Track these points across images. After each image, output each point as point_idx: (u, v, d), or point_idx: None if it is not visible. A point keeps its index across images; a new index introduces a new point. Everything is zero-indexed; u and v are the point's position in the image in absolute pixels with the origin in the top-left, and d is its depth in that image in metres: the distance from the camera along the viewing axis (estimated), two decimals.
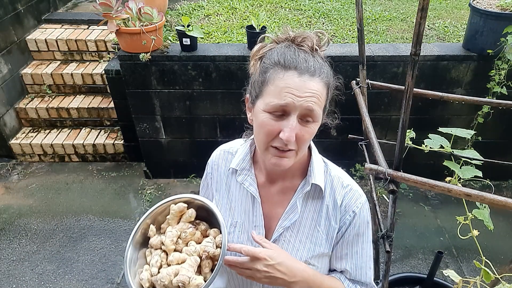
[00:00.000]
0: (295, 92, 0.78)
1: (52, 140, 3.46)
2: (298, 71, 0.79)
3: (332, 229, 0.96)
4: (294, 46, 0.83)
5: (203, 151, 3.17)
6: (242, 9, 3.49)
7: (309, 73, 0.80)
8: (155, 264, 0.87)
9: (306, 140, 0.84)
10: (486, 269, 1.20)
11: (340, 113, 0.97)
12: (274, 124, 0.81)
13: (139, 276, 0.87)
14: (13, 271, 2.57)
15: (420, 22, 0.86)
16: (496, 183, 3.18)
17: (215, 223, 0.92)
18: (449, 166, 1.20)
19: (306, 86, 0.79)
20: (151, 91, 2.85)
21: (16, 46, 3.53)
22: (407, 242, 2.77)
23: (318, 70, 0.81)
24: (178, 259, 0.86)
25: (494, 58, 2.60)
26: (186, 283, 0.81)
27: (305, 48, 0.83)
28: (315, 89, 0.80)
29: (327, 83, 0.84)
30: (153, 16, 2.61)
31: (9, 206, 3.07)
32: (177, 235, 0.90)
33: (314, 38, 0.84)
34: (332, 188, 0.96)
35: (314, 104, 0.80)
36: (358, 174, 3.17)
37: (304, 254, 0.96)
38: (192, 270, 0.84)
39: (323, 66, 0.84)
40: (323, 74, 0.82)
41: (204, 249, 0.87)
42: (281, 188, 0.98)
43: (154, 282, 0.85)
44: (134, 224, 2.90)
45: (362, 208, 0.96)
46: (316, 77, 0.80)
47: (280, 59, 0.81)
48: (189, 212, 0.93)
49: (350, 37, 3.02)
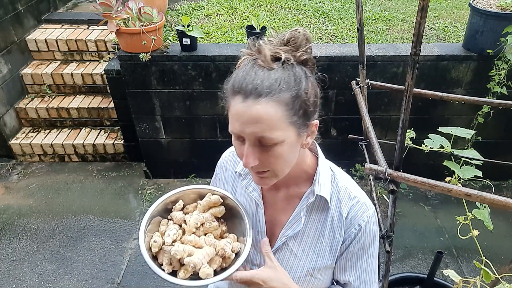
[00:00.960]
0: (241, 119, 0.74)
1: (52, 140, 3.46)
2: (243, 95, 0.73)
3: (336, 242, 0.93)
4: (253, 62, 0.77)
5: (203, 151, 3.20)
6: (242, 9, 3.49)
7: (254, 95, 0.72)
8: (172, 236, 0.87)
9: (274, 162, 0.79)
10: (486, 269, 1.21)
11: (340, 113, 0.97)
12: (239, 148, 0.80)
13: (149, 239, 0.87)
14: (13, 271, 2.57)
15: (420, 22, 0.86)
16: (496, 183, 3.18)
17: (234, 228, 0.95)
18: (449, 166, 1.20)
19: (250, 113, 0.73)
20: (151, 91, 2.85)
21: (16, 46, 3.53)
22: (407, 242, 2.77)
23: (267, 89, 0.72)
24: (196, 243, 0.87)
25: (494, 58, 2.60)
26: (197, 267, 0.81)
27: (259, 62, 0.75)
28: (261, 114, 0.72)
29: (285, 99, 0.73)
30: (153, 16, 2.61)
31: (9, 206, 3.07)
32: (202, 221, 0.91)
33: (273, 46, 0.76)
34: (339, 199, 0.92)
35: (263, 130, 0.73)
36: (358, 174, 3.17)
37: (306, 264, 0.94)
38: (206, 259, 0.84)
39: (280, 79, 0.74)
40: (274, 92, 0.72)
41: (223, 246, 0.87)
42: (286, 195, 0.96)
43: (163, 252, 0.86)
44: (134, 224, 2.91)
45: (369, 222, 0.92)
46: (262, 99, 0.72)
47: (231, 82, 0.77)
48: (220, 208, 0.95)
49: (350, 37, 3.02)
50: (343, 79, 2.73)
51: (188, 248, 0.84)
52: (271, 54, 0.75)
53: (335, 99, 2.83)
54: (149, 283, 2.51)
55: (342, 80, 2.74)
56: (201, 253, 0.84)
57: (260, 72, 0.74)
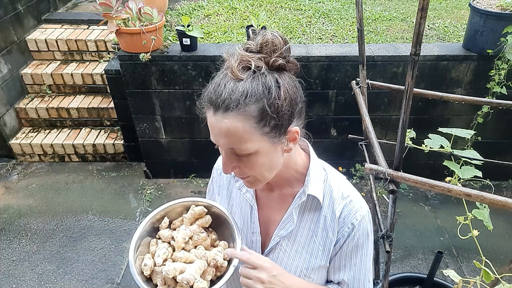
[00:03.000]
0: (213, 131, 0.78)
1: (52, 140, 3.46)
2: (214, 108, 0.75)
3: (329, 241, 0.93)
4: (225, 71, 0.76)
5: (203, 151, 3.20)
6: (242, 9, 3.49)
7: (223, 108, 0.73)
8: (162, 256, 0.87)
9: (253, 170, 0.81)
10: (486, 269, 1.20)
11: (340, 113, 0.97)
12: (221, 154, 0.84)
13: (141, 262, 0.87)
14: (13, 271, 2.58)
15: (420, 22, 0.86)
16: (496, 183, 3.18)
17: (224, 235, 0.95)
18: (449, 166, 1.20)
19: (219, 126, 0.75)
20: (151, 91, 2.85)
21: (16, 46, 3.53)
22: (407, 242, 2.77)
23: (234, 102, 0.71)
24: (186, 258, 0.87)
25: (494, 58, 2.60)
26: (190, 283, 0.81)
27: (228, 72, 0.75)
28: (229, 128, 0.73)
29: (254, 110, 0.72)
30: (153, 16, 2.61)
31: (9, 206, 3.07)
32: (190, 235, 0.91)
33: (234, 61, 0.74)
34: (331, 199, 0.92)
35: (232, 143, 0.75)
36: (358, 174, 3.17)
37: (300, 264, 0.94)
38: (199, 273, 0.84)
39: (248, 91, 0.72)
40: (240, 106, 0.71)
41: (214, 257, 0.87)
42: (280, 195, 0.96)
43: (156, 273, 0.86)
44: (134, 224, 2.91)
45: (362, 220, 0.92)
46: (230, 113, 0.72)
47: (206, 92, 0.79)
48: (206, 218, 0.95)
49: (350, 37, 3.02)
50: (343, 79, 2.73)
51: (179, 266, 0.84)
52: (241, 63, 0.73)
53: (335, 99, 2.83)
54: None
55: (342, 80, 2.74)
56: (193, 268, 0.84)
57: (229, 84, 0.73)
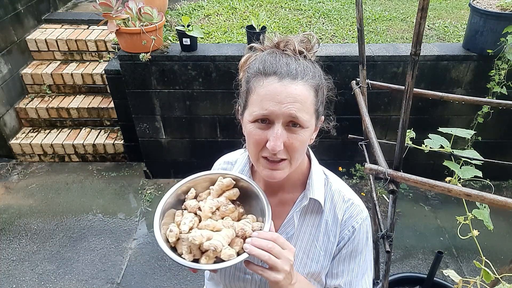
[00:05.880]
0: (276, 98, 0.76)
1: (52, 140, 3.46)
2: (279, 76, 0.76)
3: (331, 245, 0.93)
4: (277, 51, 0.81)
5: (203, 151, 3.20)
6: (242, 9, 3.49)
7: (291, 76, 0.76)
8: (188, 224, 0.83)
9: (297, 148, 0.80)
10: (486, 269, 1.21)
11: (340, 113, 0.97)
12: (261, 134, 0.79)
13: (165, 230, 0.84)
14: (13, 271, 2.58)
15: (420, 22, 0.86)
16: (496, 183, 3.18)
17: (252, 209, 0.91)
18: (449, 166, 1.20)
19: (288, 91, 0.76)
20: (151, 91, 2.85)
21: (16, 46, 3.53)
22: (407, 242, 2.77)
23: (301, 73, 0.77)
24: (214, 226, 0.83)
25: (494, 58, 2.60)
26: (218, 249, 0.78)
27: (288, 52, 0.80)
28: (297, 93, 0.76)
29: (314, 85, 0.79)
30: (153, 16, 2.61)
31: (9, 206, 3.07)
32: (218, 206, 0.88)
33: (296, 42, 0.81)
34: (333, 202, 0.93)
35: (298, 110, 0.76)
36: (358, 174, 3.17)
37: (300, 269, 0.93)
38: (227, 240, 0.81)
39: (308, 68, 0.80)
40: (307, 77, 0.78)
41: (242, 227, 0.84)
42: (281, 200, 0.96)
43: (181, 240, 0.82)
44: (134, 224, 2.91)
45: (363, 224, 0.92)
46: (298, 81, 0.77)
47: (260, 66, 0.79)
48: (233, 190, 0.92)
49: (350, 37, 3.02)
50: (343, 79, 2.73)
51: (207, 233, 0.80)
52: (298, 46, 0.81)
53: (335, 99, 2.82)
54: (149, 283, 2.52)
55: (342, 80, 2.74)
56: (221, 235, 0.80)
57: (289, 59, 0.79)
